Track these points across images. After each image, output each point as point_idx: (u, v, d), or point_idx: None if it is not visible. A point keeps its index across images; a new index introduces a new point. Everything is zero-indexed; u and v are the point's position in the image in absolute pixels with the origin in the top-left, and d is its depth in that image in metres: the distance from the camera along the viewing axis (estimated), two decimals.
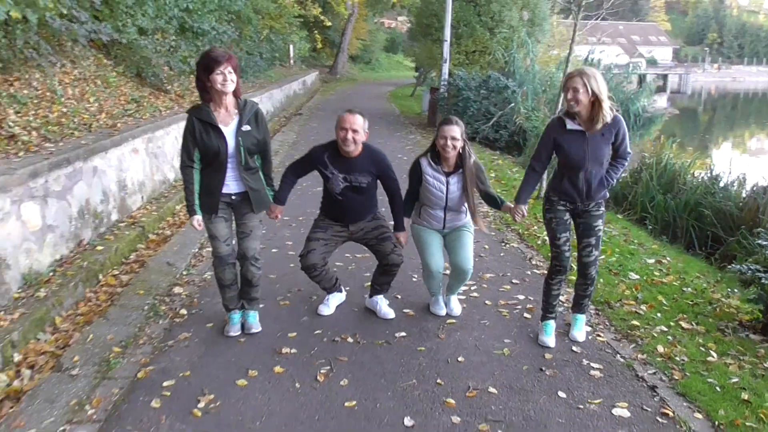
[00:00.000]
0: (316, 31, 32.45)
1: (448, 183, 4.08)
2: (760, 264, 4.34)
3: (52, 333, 4.08)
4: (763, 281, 4.17)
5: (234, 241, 3.97)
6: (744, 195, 7.57)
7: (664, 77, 72.25)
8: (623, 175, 9.38)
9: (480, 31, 17.19)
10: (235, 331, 4.03)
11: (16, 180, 4.33)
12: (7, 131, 5.31)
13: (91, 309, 4.47)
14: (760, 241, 4.38)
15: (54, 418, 3.03)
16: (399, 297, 4.67)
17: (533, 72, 15.19)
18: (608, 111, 3.62)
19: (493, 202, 4.20)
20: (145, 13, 9.64)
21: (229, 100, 3.66)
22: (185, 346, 3.83)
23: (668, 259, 5.97)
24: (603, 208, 3.91)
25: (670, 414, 3.16)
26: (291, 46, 25.47)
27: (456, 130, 3.98)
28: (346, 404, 3.19)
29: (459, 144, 4.00)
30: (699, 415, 3.17)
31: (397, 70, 50.20)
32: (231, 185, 3.76)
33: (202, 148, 3.65)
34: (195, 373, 3.49)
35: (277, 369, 3.54)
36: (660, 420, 3.12)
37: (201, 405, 3.15)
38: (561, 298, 4.26)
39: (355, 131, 3.85)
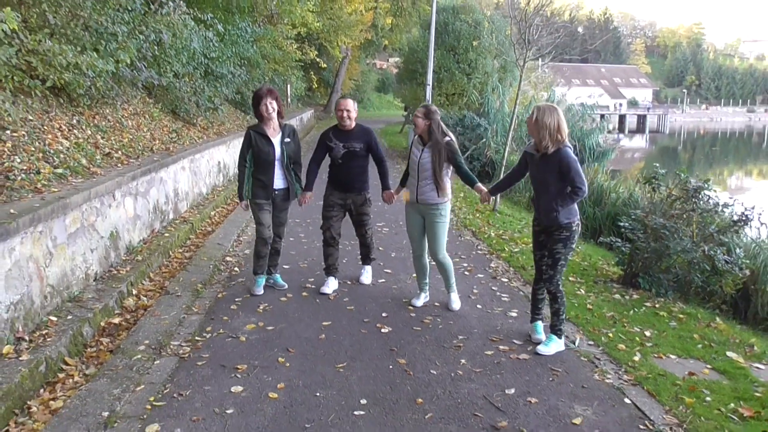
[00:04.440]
0: (312, 72, 35.01)
1: (422, 151, 5.13)
2: (619, 237, 6.52)
3: (150, 281, 6.17)
4: (621, 248, 6.35)
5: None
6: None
7: (643, 117, 75.71)
8: None
9: (458, 77, 19.65)
10: (260, 290, 5.68)
11: (125, 180, 6.46)
12: (102, 151, 7.45)
13: (170, 270, 6.56)
14: (620, 223, 6.57)
15: (175, 312, 5.14)
16: (381, 264, 6.77)
17: (503, 112, 17.58)
18: (548, 143, 4.33)
19: (468, 179, 5.22)
20: (180, 60, 11.88)
21: (275, 121, 5.42)
22: (243, 285, 5.95)
23: (581, 248, 8.16)
24: (565, 234, 4.44)
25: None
26: (288, 86, 27.84)
27: (421, 110, 5.12)
28: (348, 308, 5.33)
29: (420, 121, 5.07)
30: None
31: (388, 109, 52.84)
32: (276, 182, 5.46)
33: (256, 152, 5.33)
34: (253, 296, 5.59)
35: (304, 294, 5.69)
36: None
37: (260, 308, 5.28)
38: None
39: (348, 111, 5.48)
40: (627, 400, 3.78)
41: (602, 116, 22.22)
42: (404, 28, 41.34)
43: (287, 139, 5.47)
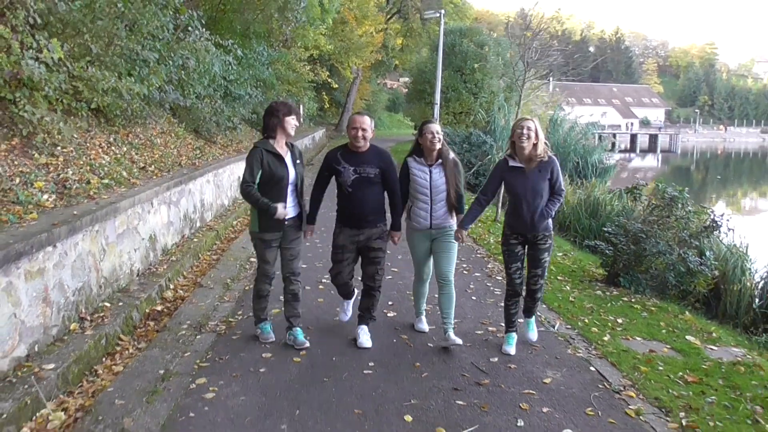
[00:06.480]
0: (323, 92, 36.05)
1: (431, 172, 4.70)
2: (602, 240, 7.26)
3: (184, 278, 6.97)
4: (604, 250, 7.08)
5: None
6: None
7: (655, 137, 76.16)
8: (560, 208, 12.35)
9: (465, 96, 20.55)
10: (270, 338, 4.91)
11: (161, 190, 7.29)
12: (138, 165, 8.30)
13: (201, 269, 7.37)
14: (604, 229, 7.30)
15: (210, 300, 5.93)
16: (389, 264, 7.52)
17: (508, 130, 18.38)
18: (543, 151, 4.49)
19: (459, 203, 4.78)
20: (202, 83, 12.79)
21: (284, 140, 4.69)
22: None
23: (573, 254, 8.88)
24: (549, 242, 4.67)
25: None
26: (301, 106, 28.79)
27: (437, 127, 4.69)
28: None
29: (441, 137, 4.68)
30: (544, 306, 6.03)
31: (398, 128, 53.70)
32: (288, 210, 4.59)
33: (268, 173, 4.49)
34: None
35: (320, 287, 6.51)
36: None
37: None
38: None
39: (364, 129, 4.55)
40: (592, 368, 4.53)
41: (602, 136, 22.91)
42: (414, 48, 42.46)
43: (297, 161, 4.76)
